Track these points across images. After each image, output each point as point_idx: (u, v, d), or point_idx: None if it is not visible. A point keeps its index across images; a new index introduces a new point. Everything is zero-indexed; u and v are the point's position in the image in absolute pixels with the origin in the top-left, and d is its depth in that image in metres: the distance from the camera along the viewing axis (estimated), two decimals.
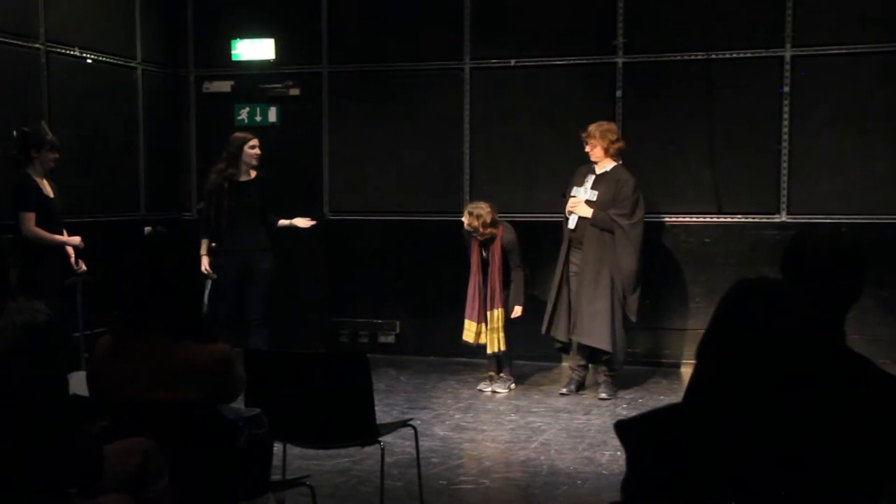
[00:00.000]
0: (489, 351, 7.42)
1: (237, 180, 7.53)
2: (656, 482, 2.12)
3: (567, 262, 7.32)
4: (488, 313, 7.33)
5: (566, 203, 7.32)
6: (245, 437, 3.33)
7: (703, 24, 8.17)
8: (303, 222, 7.78)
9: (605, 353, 7.21)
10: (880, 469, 2.17)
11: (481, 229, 7.20)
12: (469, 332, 7.43)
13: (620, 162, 7.33)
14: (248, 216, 7.52)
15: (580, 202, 7.19)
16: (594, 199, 7.16)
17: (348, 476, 5.37)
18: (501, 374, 7.57)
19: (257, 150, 7.55)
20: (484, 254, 7.34)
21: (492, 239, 7.27)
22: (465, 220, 7.29)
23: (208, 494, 3.37)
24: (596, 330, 7.12)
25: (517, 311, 7.36)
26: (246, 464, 3.39)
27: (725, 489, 2.02)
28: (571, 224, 7.24)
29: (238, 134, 7.70)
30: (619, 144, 7.28)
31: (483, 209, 7.26)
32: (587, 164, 7.34)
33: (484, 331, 7.35)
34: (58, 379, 3.05)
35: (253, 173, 7.59)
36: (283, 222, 7.72)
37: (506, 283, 7.36)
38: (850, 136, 7.89)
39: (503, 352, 7.43)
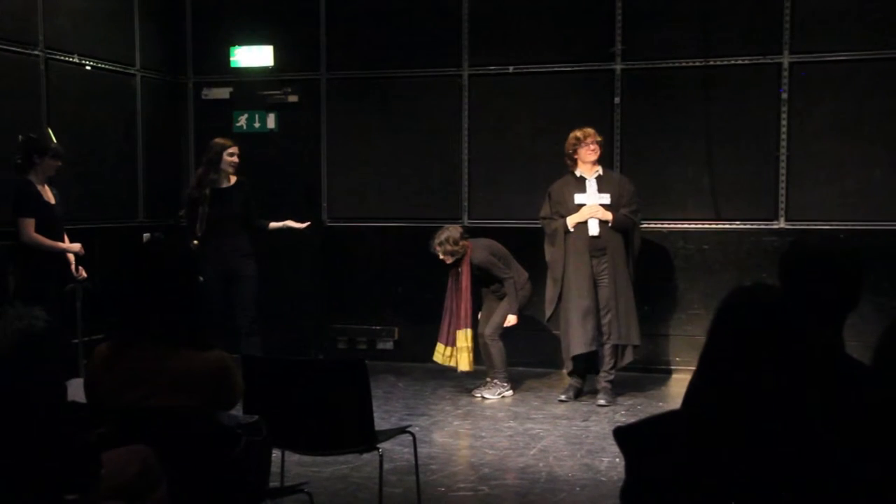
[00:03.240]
0: (459, 370, 7.51)
1: (219, 187, 7.49)
2: (655, 489, 2.12)
3: (592, 272, 7.21)
4: (457, 333, 7.39)
5: (554, 217, 7.28)
6: (243, 444, 3.33)
7: (701, 31, 8.19)
8: (296, 224, 7.75)
9: (628, 354, 7.27)
10: (879, 474, 2.17)
11: (450, 246, 7.28)
12: (438, 353, 7.58)
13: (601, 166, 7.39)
14: (230, 222, 7.47)
15: (598, 207, 7.17)
16: (608, 201, 7.18)
17: (347, 483, 5.36)
18: (495, 381, 7.56)
19: (235, 158, 7.49)
20: (459, 273, 7.41)
21: (461, 258, 7.33)
22: (439, 254, 7.32)
23: (206, 502, 3.36)
24: (633, 329, 7.22)
25: (511, 320, 7.38)
26: (244, 471, 3.39)
27: (724, 496, 2.02)
28: (595, 231, 7.18)
29: (217, 140, 7.59)
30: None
31: (446, 230, 7.37)
32: (563, 178, 7.33)
33: (453, 352, 7.44)
34: (56, 386, 3.04)
35: (233, 179, 7.56)
36: (274, 225, 7.69)
37: (479, 303, 7.50)
38: (848, 143, 7.91)
39: (494, 365, 7.50)
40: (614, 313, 7.18)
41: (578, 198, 7.23)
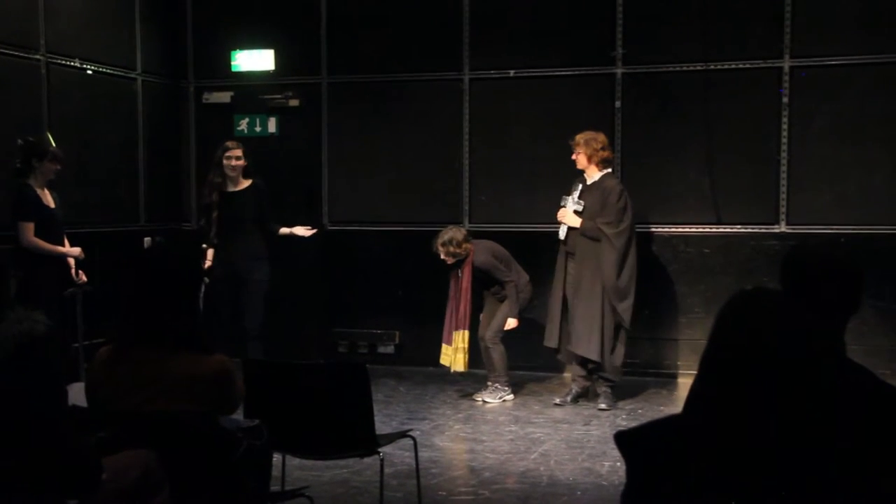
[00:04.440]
0: (452, 370, 7.51)
1: (225, 191, 7.51)
2: (656, 493, 2.12)
3: (565, 272, 7.32)
4: (453, 333, 7.39)
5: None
6: (244, 448, 3.33)
7: (701, 35, 8.19)
8: (303, 231, 7.75)
9: (593, 362, 7.22)
10: (881, 478, 2.17)
11: (453, 248, 7.27)
12: (445, 355, 7.56)
13: (609, 171, 7.34)
14: (241, 226, 7.48)
15: (568, 212, 7.21)
16: (580, 208, 7.18)
17: (347, 487, 5.36)
18: (496, 384, 7.56)
19: (233, 161, 7.49)
20: (460, 275, 7.40)
21: (463, 259, 7.33)
22: (441, 254, 7.31)
23: None
24: (585, 339, 7.12)
25: (511, 323, 7.39)
26: (245, 475, 3.39)
27: (726, 500, 2.01)
28: (561, 234, 7.27)
29: (225, 143, 7.70)
30: (605, 154, 7.24)
31: (450, 231, 7.37)
32: (582, 175, 7.36)
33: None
34: (57, 389, 3.04)
35: (245, 182, 7.57)
36: (283, 231, 7.71)
37: (480, 305, 7.51)
38: (848, 147, 7.90)
39: (495, 369, 7.50)
40: (571, 319, 7.22)
41: (563, 199, 7.29)
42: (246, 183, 7.58)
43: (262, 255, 7.58)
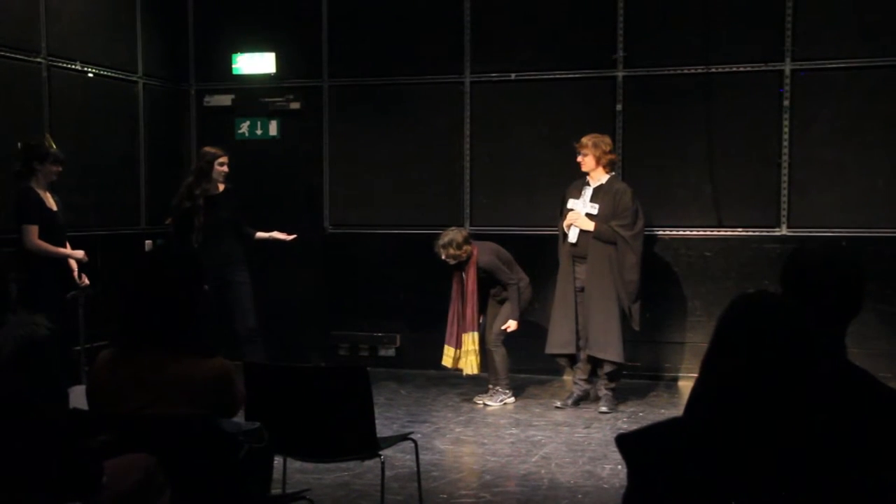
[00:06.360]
0: (465, 374, 7.49)
1: (211, 195, 7.52)
2: (657, 496, 2.12)
3: (574, 277, 7.29)
4: (462, 336, 7.38)
5: (563, 219, 7.31)
6: (245, 451, 3.33)
7: (702, 38, 8.20)
8: (282, 236, 7.73)
9: (607, 364, 7.21)
10: (881, 481, 2.17)
11: (453, 250, 7.25)
12: (447, 357, 7.50)
13: (614, 174, 7.35)
14: (222, 230, 7.49)
15: (580, 215, 7.19)
16: (595, 211, 7.15)
17: (348, 490, 5.36)
18: (497, 387, 7.56)
19: (226, 168, 7.52)
20: (464, 277, 7.39)
21: (466, 261, 7.31)
22: (441, 255, 7.31)
23: None
24: (610, 343, 7.11)
25: (512, 325, 7.38)
26: (246, 478, 3.39)
27: (726, 502, 2.02)
28: (573, 238, 7.22)
29: (208, 149, 7.64)
30: (611, 157, 7.28)
31: (450, 233, 7.34)
32: (579, 178, 7.35)
33: (460, 354, 7.42)
34: (58, 393, 3.05)
35: (221, 186, 7.59)
36: (260, 235, 7.70)
37: (483, 306, 7.48)
38: (849, 150, 7.91)
39: (496, 372, 7.50)
40: (586, 323, 7.19)
41: (570, 203, 7.28)
42: (222, 187, 7.60)
43: (242, 258, 7.59)
